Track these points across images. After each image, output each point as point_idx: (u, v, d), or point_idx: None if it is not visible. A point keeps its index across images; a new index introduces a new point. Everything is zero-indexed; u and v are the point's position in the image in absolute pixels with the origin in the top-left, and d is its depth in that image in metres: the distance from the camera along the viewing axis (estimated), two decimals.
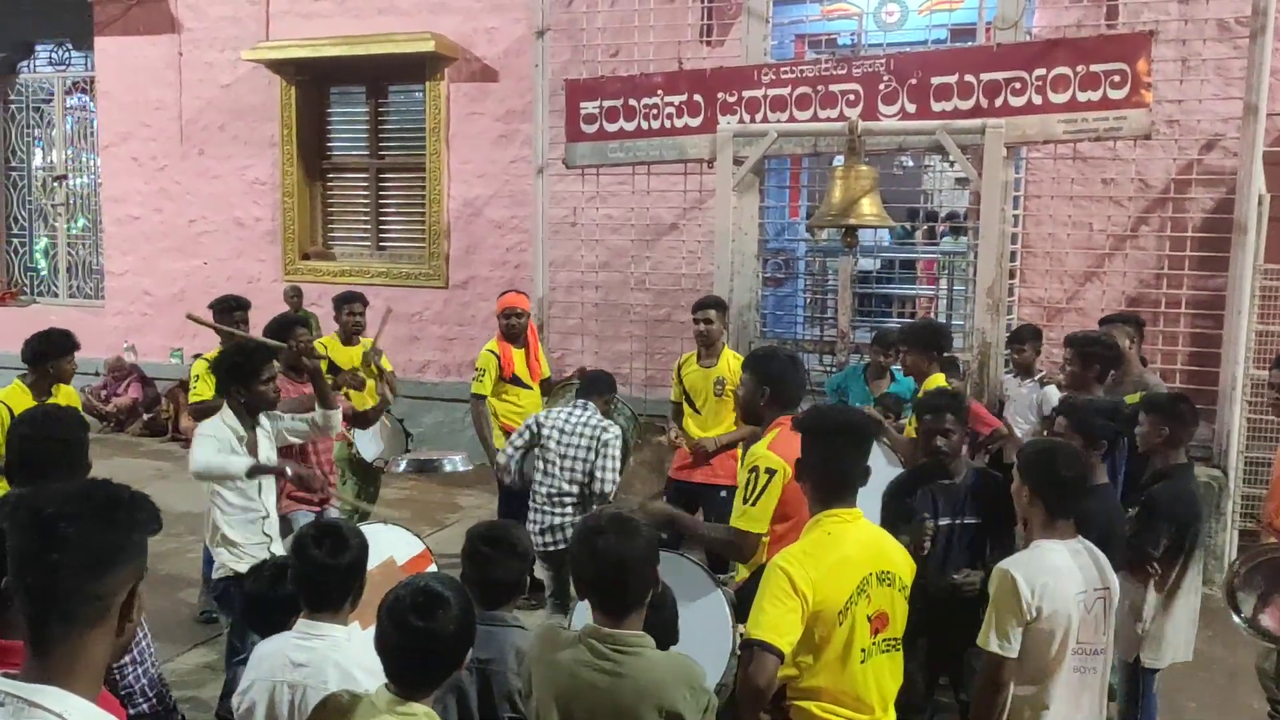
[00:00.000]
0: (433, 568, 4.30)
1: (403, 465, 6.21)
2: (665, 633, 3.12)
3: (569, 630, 2.75)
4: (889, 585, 2.96)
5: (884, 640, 2.96)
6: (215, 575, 4.64)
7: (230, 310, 6.30)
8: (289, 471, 4.78)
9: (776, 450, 3.66)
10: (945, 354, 5.87)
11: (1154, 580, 4.23)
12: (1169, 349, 7.46)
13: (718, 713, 2.71)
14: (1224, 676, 5.09)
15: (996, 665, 3.14)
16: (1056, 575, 3.15)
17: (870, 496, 3.52)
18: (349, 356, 6.79)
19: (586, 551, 2.60)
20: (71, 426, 3.48)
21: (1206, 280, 7.38)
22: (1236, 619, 4.29)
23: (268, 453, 4.67)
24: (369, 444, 6.53)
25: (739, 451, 6.24)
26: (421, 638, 2.38)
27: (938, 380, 5.47)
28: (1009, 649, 3.11)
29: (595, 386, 5.50)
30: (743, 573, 3.89)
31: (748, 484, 3.67)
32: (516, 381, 6.49)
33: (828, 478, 3.04)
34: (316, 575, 2.89)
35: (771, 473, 3.62)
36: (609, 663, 2.56)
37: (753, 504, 3.63)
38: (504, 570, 3.06)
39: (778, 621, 2.78)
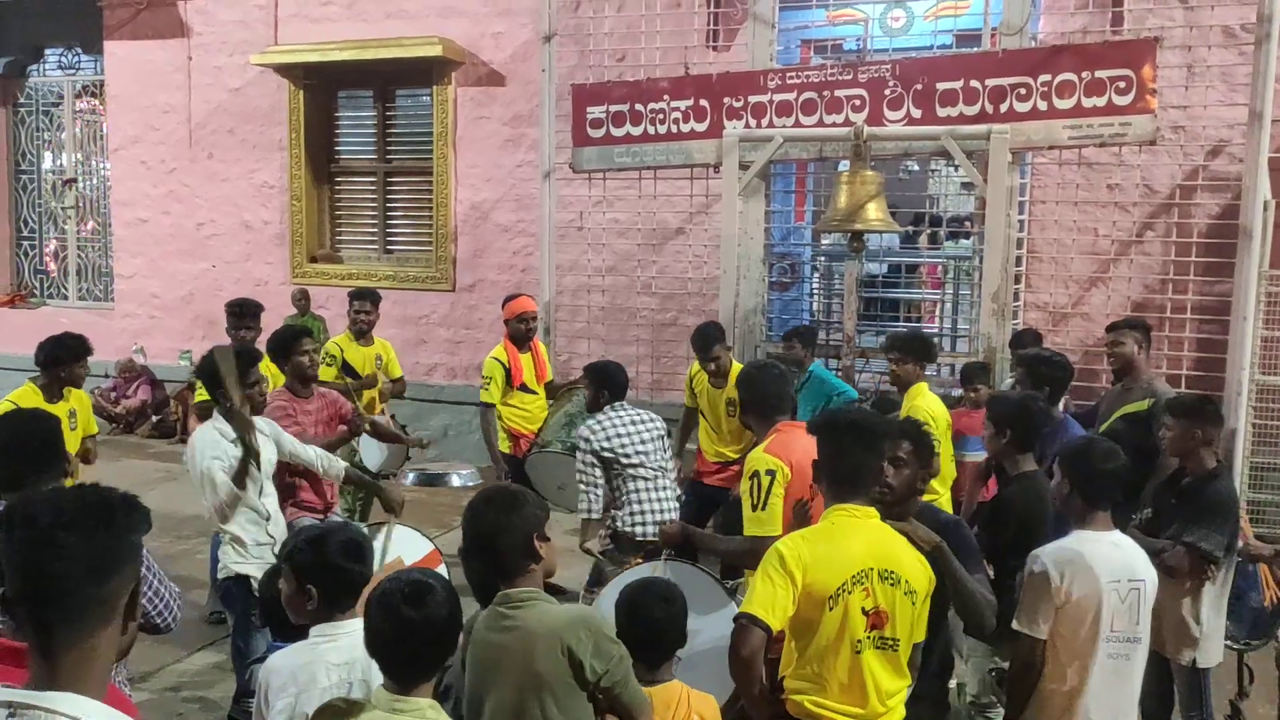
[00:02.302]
0: (442, 567, 4.33)
1: (410, 478, 6.22)
2: (673, 628, 3.19)
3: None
4: (893, 585, 2.98)
5: (880, 637, 2.99)
6: (220, 576, 4.64)
7: (240, 317, 6.30)
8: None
9: (772, 452, 3.70)
10: (932, 362, 5.85)
11: (1209, 582, 4.20)
12: (1174, 354, 7.47)
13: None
14: (1231, 680, 5.08)
15: (1029, 646, 3.33)
16: (1088, 563, 3.29)
17: None
18: (362, 356, 6.80)
19: (465, 522, 2.83)
20: (41, 421, 3.52)
21: (1212, 286, 7.40)
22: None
23: (270, 454, 4.68)
24: (373, 452, 6.52)
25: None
26: (413, 626, 2.43)
27: (920, 390, 5.46)
28: (1039, 630, 3.30)
29: (619, 389, 5.30)
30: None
31: (752, 490, 3.73)
32: (524, 389, 6.50)
33: (837, 475, 3.11)
34: (340, 578, 2.91)
35: (771, 473, 3.69)
36: (507, 620, 2.72)
37: (762, 508, 3.70)
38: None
39: (766, 598, 2.89)
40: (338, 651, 2.84)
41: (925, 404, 5.33)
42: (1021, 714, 3.40)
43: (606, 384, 5.25)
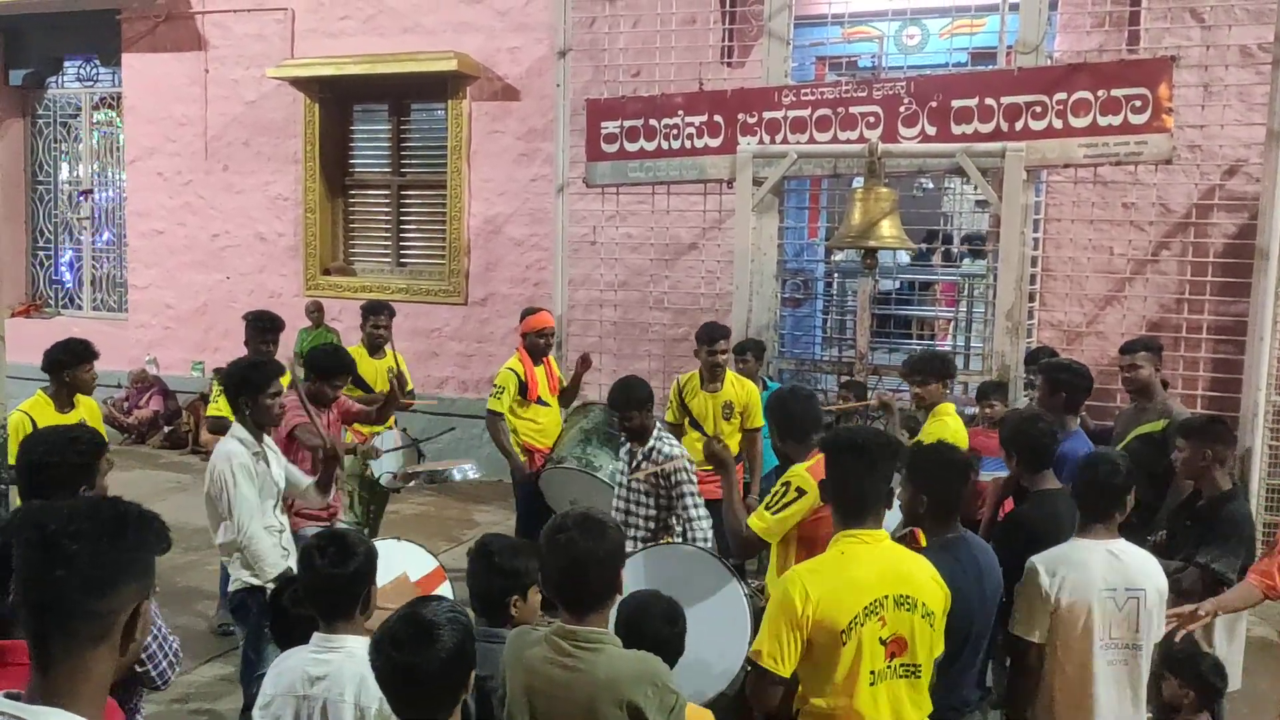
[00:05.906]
0: (446, 584, 4.33)
1: (413, 480, 6.22)
2: (674, 648, 3.17)
3: (538, 630, 2.78)
4: (909, 610, 2.91)
5: (901, 665, 2.91)
6: (231, 588, 4.63)
7: (263, 330, 6.31)
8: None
9: (815, 474, 3.68)
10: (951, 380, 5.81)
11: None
12: (1190, 374, 7.42)
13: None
14: (1246, 705, 5.04)
15: (1025, 649, 3.43)
16: (1080, 569, 3.39)
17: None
18: (375, 369, 6.78)
19: (550, 549, 2.66)
20: (89, 449, 3.47)
21: (1228, 306, 7.35)
22: None
23: (277, 469, 4.68)
24: (386, 464, 6.50)
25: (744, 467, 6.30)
26: (407, 670, 2.30)
27: (947, 410, 5.42)
28: (1034, 634, 3.41)
29: None
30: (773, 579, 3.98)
31: (776, 493, 3.78)
32: (540, 402, 6.47)
33: (845, 497, 3.04)
34: (323, 585, 2.88)
35: (801, 492, 3.71)
36: (570, 659, 2.60)
37: (774, 512, 3.76)
38: (501, 584, 3.07)
39: (778, 642, 2.85)
40: (319, 665, 2.84)
41: (956, 426, 5.26)
42: (1023, 717, 3.50)
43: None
